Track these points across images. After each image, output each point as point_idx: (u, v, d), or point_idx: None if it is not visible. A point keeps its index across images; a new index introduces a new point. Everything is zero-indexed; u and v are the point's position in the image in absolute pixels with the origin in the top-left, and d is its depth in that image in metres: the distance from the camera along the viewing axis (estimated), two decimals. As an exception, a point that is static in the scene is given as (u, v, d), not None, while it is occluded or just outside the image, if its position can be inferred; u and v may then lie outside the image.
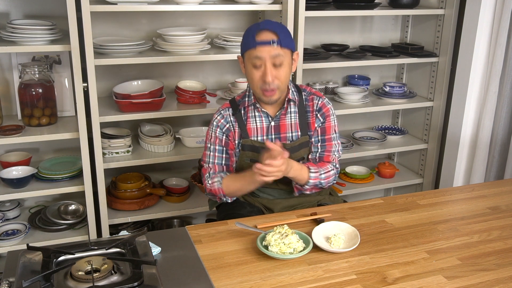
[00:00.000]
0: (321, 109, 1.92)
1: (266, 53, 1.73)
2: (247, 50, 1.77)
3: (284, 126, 1.90)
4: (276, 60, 1.74)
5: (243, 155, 1.90)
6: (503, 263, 1.46)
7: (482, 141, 2.75)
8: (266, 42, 1.72)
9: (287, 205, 1.94)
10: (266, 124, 1.90)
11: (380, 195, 3.39)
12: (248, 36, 1.77)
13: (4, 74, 2.49)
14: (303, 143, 1.90)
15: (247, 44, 1.77)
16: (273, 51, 1.73)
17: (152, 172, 2.81)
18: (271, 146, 1.66)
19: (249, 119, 1.90)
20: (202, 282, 1.32)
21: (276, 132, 1.90)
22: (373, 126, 3.28)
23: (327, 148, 1.92)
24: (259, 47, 1.73)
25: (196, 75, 2.83)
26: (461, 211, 1.80)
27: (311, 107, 1.91)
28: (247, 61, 1.79)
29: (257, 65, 1.75)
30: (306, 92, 1.94)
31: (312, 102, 1.92)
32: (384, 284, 1.34)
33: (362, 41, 3.12)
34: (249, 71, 1.79)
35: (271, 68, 1.74)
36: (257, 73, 1.77)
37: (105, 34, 2.57)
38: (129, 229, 2.65)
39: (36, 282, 1.20)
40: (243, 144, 1.89)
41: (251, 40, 1.74)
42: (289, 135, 1.90)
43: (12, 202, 2.58)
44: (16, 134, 2.26)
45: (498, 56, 2.62)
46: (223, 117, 1.91)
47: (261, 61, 1.74)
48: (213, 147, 1.91)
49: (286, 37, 1.77)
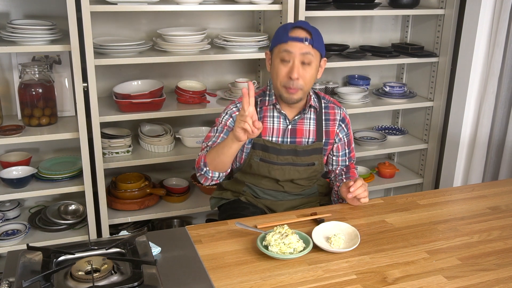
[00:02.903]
0: (344, 119, 1.95)
1: (297, 49, 1.73)
2: (278, 44, 1.77)
3: (301, 131, 1.89)
4: (306, 58, 1.74)
5: (253, 154, 1.89)
6: (503, 263, 1.46)
7: (480, 141, 2.76)
8: (299, 39, 1.73)
9: (290, 206, 1.94)
10: (283, 126, 1.89)
11: (380, 195, 3.39)
12: (282, 31, 1.77)
13: (4, 74, 2.49)
14: (317, 149, 1.90)
15: (279, 39, 1.77)
16: (304, 49, 1.73)
17: (152, 172, 2.81)
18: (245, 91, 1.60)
19: (266, 118, 1.89)
20: (202, 282, 1.32)
21: (292, 136, 1.89)
22: (373, 126, 3.28)
23: (352, 158, 2.00)
24: (291, 42, 1.73)
25: (196, 75, 2.83)
26: (461, 211, 1.80)
27: (332, 115, 1.93)
28: (276, 55, 1.79)
29: (286, 59, 1.75)
30: (326, 100, 1.95)
31: (334, 111, 1.94)
32: (384, 284, 1.34)
33: (362, 41, 3.12)
34: (276, 65, 1.78)
35: (298, 65, 1.74)
36: (284, 69, 1.76)
37: (105, 34, 2.57)
38: (129, 229, 2.65)
39: (36, 282, 1.20)
40: (254, 142, 1.88)
41: (284, 35, 1.75)
42: (305, 140, 1.90)
43: (12, 202, 2.58)
44: (16, 134, 2.26)
45: (497, 56, 2.62)
46: (238, 110, 1.88)
47: (291, 56, 1.74)
48: (220, 130, 1.87)
49: (319, 39, 1.78)
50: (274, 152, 1.87)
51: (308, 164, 1.90)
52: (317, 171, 1.93)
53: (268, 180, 1.93)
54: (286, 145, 1.88)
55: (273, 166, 1.88)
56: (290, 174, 1.89)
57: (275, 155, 1.87)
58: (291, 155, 1.88)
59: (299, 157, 1.88)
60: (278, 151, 1.87)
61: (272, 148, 1.87)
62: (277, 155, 1.87)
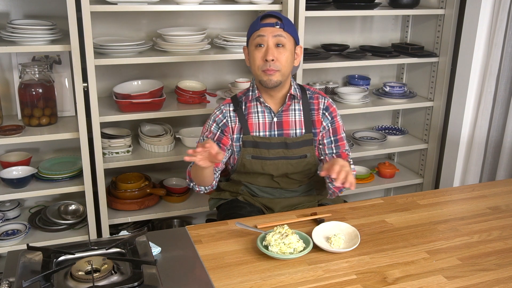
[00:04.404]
0: (328, 108, 1.94)
1: (269, 32, 1.79)
2: (252, 33, 1.83)
3: (287, 122, 1.90)
4: (278, 40, 1.79)
5: (244, 152, 1.90)
6: (503, 263, 1.46)
7: (477, 141, 2.76)
8: (270, 24, 1.80)
9: (287, 205, 1.94)
10: (268, 119, 1.90)
11: (380, 195, 3.39)
12: (254, 23, 1.84)
13: (4, 74, 2.49)
14: (307, 141, 1.91)
15: (252, 29, 1.84)
16: (276, 32, 1.79)
17: (152, 172, 2.81)
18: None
19: (251, 115, 1.90)
20: (202, 282, 1.32)
21: (279, 128, 1.90)
22: (373, 126, 3.28)
23: (341, 147, 1.95)
24: (262, 28, 1.80)
25: (196, 75, 2.83)
26: (461, 211, 1.80)
27: (316, 105, 1.93)
28: (250, 44, 1.84)
29: (259, 43, 1.80)
30: (310, 91, 1.96)
31: (318, 100, 1.94)
32: (384, 284, 1.34)
33: (362, 41, 3.12)
34: (252, 52, 1.83)
35: (273, 47, 1.79)
36: (258, 54, 1.81)
37: (105, 34, 2.57)
38: (129, 229, 2.65)
39: (36, 282, 1.20)
40: (244, 140, 1.90)
41: (256, 24, 1.82)
42: (293, 132, 1.91)
43: (12, 202, 2.58)
44: (16, 134, 2.26)
45: (495, 56, 2.62)
46: (222, 112, 1.92)
47: (263, 40, 1.79)
48: (206, 139, 1.90)
49: (290, 25, 1.84)
50: (265, 146, 1.89)
51: (300, 156, 1.90)
52: (311, 163, 1.93)
53: (263, 177, 1.94)
54: (275, 138, 1.89)
55: (265, 162, 1.89)
56: (284, 168, 1.90)
57: (266, 149, 1.89)
58: (282, 148, 1.89)
59: (290, 150, 1.89)
60: (268, 145, 1.89)
61: (262, 143, 1.88)
62: (268, 149, 1.89)
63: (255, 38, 1.81)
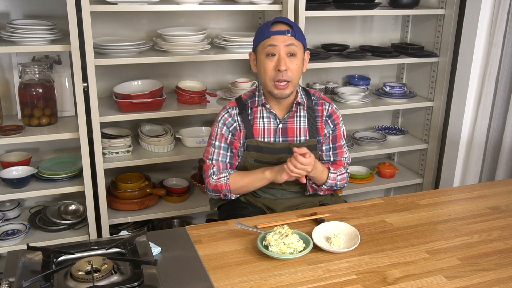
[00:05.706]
0: (331, 115, 1.93)
1: (281, 41, 1.75)
2: (261, 41, 1.78)
3: (292, 129, 1.89)
4: (290, 49, 1.76)
5: (247, 156, 1.90)
6: (503, 263, 1.46)
7: (477, 141, 2.76)
8: (281, 32, 1.75)
9: (289, 205, 1.94)
10: (274, 126, 1.89)
11: (380, 195, 3.39)
12: (263, 28, 1.79)
13: (4, 74, 2.49)
14: (311, 146, 1.90)
15: (261, 36, 1.78)
16: (287, 40, 1.75)
17: (152, 172, 2.81)
18: (298, 151, 1.69)
19: (256, 120, 1.89)
20: (202, 282, 1.32)
21: (284, 135, 1.89)
22: (373, 126, 3.28)
23: (338, 156, 1.95)
24: (274, 36, 1.75)
25: (196, 75, 2.83)
26: (461, 211, 1.80)
27: (320, 112, 1.92)
28: (260, 53, 1.79)
29: (271, 53, 1.76)
30: (315, 97, 1.95)
31: (322, 107, 1.93)
32: (384, 284, 1.34)
33: (362, 41, 3.12)
34: (262, 62, 1.79)
35: (285, 57, 1.75)
36: (270, 63, 1.77)
37: (105, 34, 2.57)
38: (129, 229, 2.65)
39: (36, 282, 1.20)
40: (248, 144, 1.89)
41: (266, 31, 1.77)
42: (297, 139, 1.90)
43: (12, 202, 2.58)
44: (16, 134, 2.26)
45: (495, 56, 2.62)
46: (230, 116, 1.90)
47: (275, 49, 1.75)
48: (218, 144, 1.89)
49: (300, 31, 1.81)
50: (268, 151, 1.88)
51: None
52: None
53: None
54: (279, 144, 1.88)
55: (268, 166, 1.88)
56: None
57: (269, 154, 1.88)
58: (285, 153, 1.88)
59: None
60: (272, 150, 1.88)
61: (266, 148, 1.88)
62: (272, 154, 1.88)
63: (266, 47, 1.76)
